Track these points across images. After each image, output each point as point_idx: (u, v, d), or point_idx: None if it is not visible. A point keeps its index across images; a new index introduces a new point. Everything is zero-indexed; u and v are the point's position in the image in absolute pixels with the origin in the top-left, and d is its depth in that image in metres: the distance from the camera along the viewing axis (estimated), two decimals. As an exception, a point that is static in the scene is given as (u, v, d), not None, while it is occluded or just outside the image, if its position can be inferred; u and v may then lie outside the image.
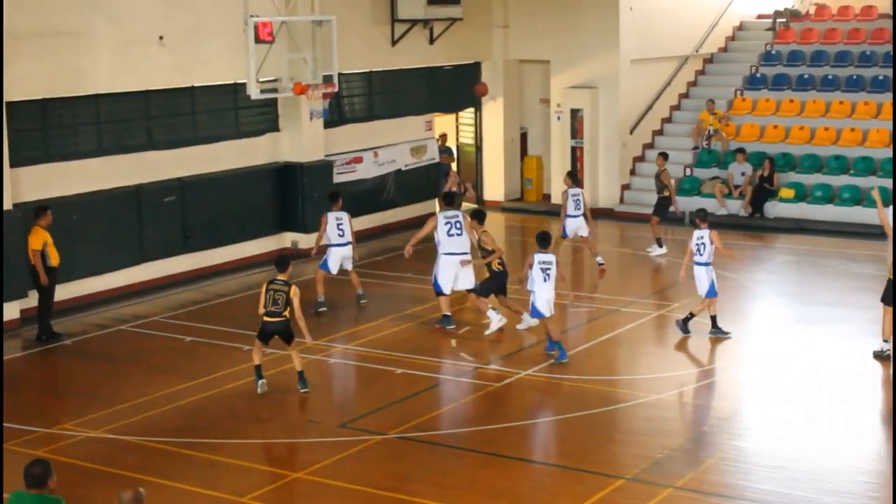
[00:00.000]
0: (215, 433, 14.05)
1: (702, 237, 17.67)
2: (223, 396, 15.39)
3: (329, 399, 16.07)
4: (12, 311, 18.62)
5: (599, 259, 22.05)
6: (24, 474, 8.53)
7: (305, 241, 22.97)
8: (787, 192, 26.71)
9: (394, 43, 26.15)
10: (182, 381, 15.89)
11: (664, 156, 24.48)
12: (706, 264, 17.57)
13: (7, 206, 18.43)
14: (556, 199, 28.91)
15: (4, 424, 14.30)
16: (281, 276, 15.09)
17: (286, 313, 15.01)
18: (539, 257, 16.29)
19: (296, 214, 23.58)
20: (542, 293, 16.27)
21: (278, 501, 12.10)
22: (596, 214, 27.85)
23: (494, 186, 29.65)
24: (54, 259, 17.85)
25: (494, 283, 18.06)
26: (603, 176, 28.42)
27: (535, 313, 16.47)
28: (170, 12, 21.21)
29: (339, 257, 19.17)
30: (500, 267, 17.99)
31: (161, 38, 21.00)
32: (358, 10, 25.06)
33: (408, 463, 13.27)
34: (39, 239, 17.69)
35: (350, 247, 19.21)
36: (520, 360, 16.77)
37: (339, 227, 19.10)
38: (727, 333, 17.65)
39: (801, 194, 26.70)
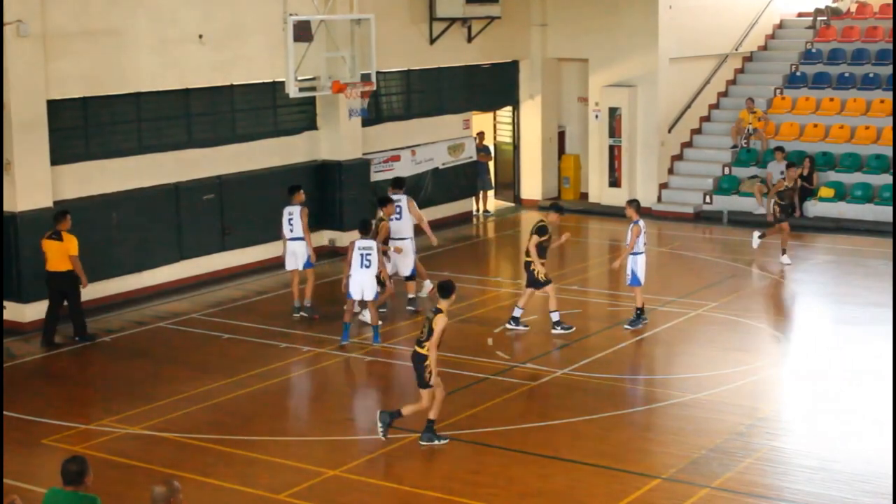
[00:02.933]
0: (252, 430, 14.10)
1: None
2: (260, 394, 15.44)
3: (365, 397, 16.11)
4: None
5: None
6: (61, 471, 8.56)
7: (342, 239, 23.08)
8: (826, 192, 26.51)
9: (432, 41, 26.16)
10: (219, 378, 15.96)
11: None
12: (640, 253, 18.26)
13: (47, 203, 18.60)
14: (593, 198, 28.88)
15: (43, 420, 14.47)
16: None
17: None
18: (359, 244, 17.39)
19: (333, 213, 23.67)
20: (357, 276, 17.34)
21: (314, 499, 12.11)
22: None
23: (532, 185, 29.59)
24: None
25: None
26: (641, 175, 28.29)
27: (349, 294, 17.48)
28: (210, 11, 21.32)
29: (290, 252, 19.00)
30: None
31: (201, 36, 21.12)
32: (396, 9, 25.08)
33: (443, 461, 13.27)
34: (75, 244, 17.61)
35: (301, 243, 18.91)
36: (555, 359, 16.73)
37: (289, 221, 19.01)
38: (640, 326, 18.16)
39: (841, 193, 26.49)
